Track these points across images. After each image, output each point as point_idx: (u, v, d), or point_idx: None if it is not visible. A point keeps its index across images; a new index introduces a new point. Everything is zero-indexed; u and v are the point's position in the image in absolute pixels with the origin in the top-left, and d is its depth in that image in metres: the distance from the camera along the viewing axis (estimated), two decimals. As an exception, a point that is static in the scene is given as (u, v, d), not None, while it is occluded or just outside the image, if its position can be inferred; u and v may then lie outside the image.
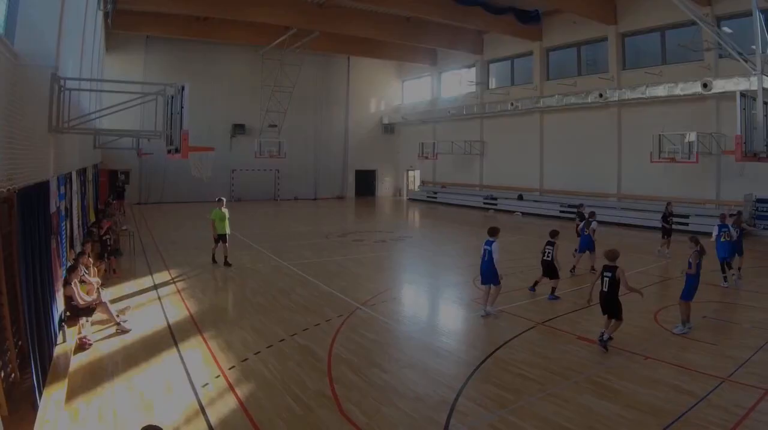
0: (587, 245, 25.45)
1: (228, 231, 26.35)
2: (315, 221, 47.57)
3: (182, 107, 18.25)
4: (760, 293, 21.32)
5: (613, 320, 14.61)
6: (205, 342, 15.24)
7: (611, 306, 14.56)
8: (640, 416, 10.80)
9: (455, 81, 67.34)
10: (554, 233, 21.02)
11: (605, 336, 14.53)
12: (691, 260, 16.05)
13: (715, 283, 22.85)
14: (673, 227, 30.36)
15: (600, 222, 28.30)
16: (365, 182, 75.06)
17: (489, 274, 18.31)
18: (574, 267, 25.22)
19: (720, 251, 23.28)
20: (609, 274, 14.54)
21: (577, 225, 27.45)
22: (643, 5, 43.72)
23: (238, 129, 63.18)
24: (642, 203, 43.94)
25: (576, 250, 25.97)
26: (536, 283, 21.41)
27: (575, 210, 31.16)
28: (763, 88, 23.78)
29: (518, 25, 50.57)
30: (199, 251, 29.69)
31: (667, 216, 30.50)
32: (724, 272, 23.21)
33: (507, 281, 21.95)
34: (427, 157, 65.94)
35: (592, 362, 13.79)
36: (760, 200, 37.23)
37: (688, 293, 16.11)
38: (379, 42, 59.88)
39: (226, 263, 25.99)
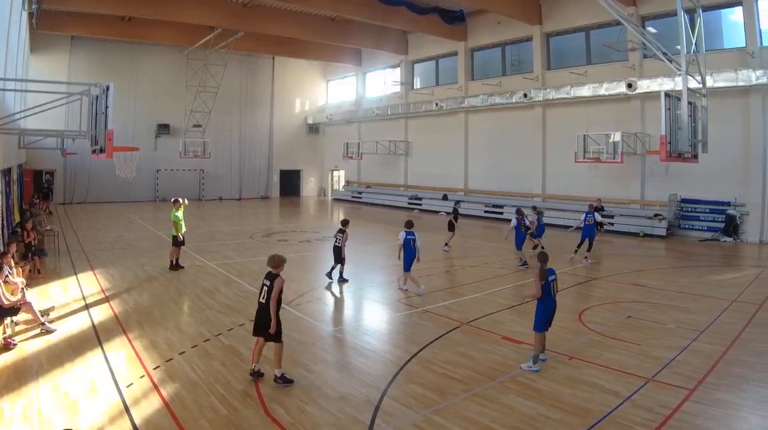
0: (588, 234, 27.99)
1: (175, 233, 25.79)
2: (240, 221, 47.28)
3: (107, 107, 18.20)
4: (684, 294, 21.49)
5: (273, 344, 12.63)
6: (130, 342, 15.09)
7: (269, 323, 12.48)
8: (565, 416, 10.89)
9: (380, 81, 67.46)
10: (345, 223, 22.68)
11: (277, 373, 12.45)
12: (536, 282, 14.64)
13: (640, 283, 23.28)
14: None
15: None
16: (290, 182, 74.90)
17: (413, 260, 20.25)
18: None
19: (585, 232, 27.67)
20: (269, 282, 12.66)
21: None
22: (567, 5, 44.25)
23: (163, 129, 62.74)
24: (567, 203, 44.34)
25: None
26: (332, 268, 22.87)
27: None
28: (688, 89, 24.24)
29: (443, 25, 50.74)
30: (124, 251, 29.70)
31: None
32: (580, 246, 27.75)
33: (432, 280, 22.51)
34: (351, 158, 66.00)
35: (516, 362, 13.79)
36: (684, 200, 37.86)
37: (539, 322, 14.01)
38: (303, 42, 59.82)
39: (179, 266, 25.56)
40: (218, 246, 31.94)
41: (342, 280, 22.64)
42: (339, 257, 22.49)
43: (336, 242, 22.46)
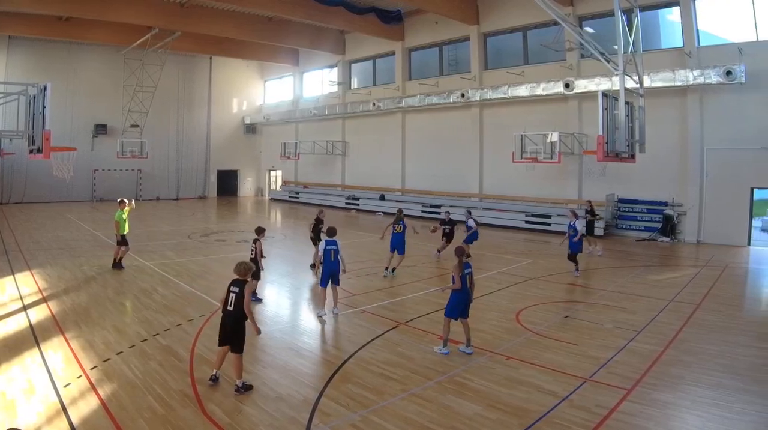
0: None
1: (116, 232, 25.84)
2: (177, 221, 47.14)
3: (44, 107, 18.11)
4: (622, 294, 21.64)
5: (232, 355, 12.25)
6: (67, 342, 14.94)
7: (236, 331, 12.26)
8: (503, 416, 10.92)
9: (318, 81, 67.61)
10: (259, 230, 20.70)
11: (239, 383, 12.10)
12: (454, 275, 14.89)
13: (578, 283, 23.64)
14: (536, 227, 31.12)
15: (461, 222, 28.94)
16: (227, 182, 74.98)
17: (337, 274, 18.35)
18: None
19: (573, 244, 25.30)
20: (237, 289, 12.29)
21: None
22: (504, 5, 44.51)
23: (100, 129, 62.24)
24: (504, 203, 44.78)
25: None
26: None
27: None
28: (625, 89, 24.45)
29: (380, 25, 50.96)
30: (61, 251, 29.42)
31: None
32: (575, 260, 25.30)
33: (370, 280, 22.63)
34: (289, 158, 65.83)
35: (454, 363, 13.86)
36: (622, 200, 38.20)
37: (450, 310, 14.68)
38: (241, 42, 60.00)
39: (120, 266, 25.40)
40: (156, 246, 31.66)
41: (256, 299, 20.21)
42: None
43: (251, 253, 20.34)
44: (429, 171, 52.07)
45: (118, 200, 26.45)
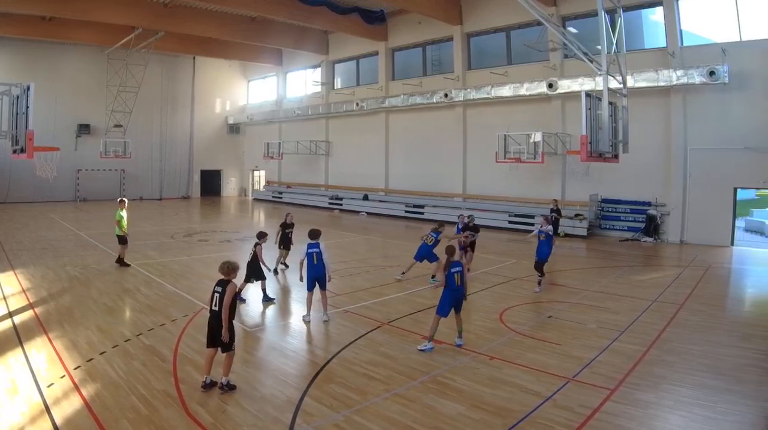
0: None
1: (118, 232, 25.88)
2: (160, 221, 46.98)
3: (27, 107, 18.00)
4: (605, 294, 21.65)
5: (222, 354, 12.10)
6: (51, 342, 14.87)
7: (221, 332, 11.97)
8: (486, 416, 10.91)
9: (301, 81, 67.60)
10: (261, 235, 20.67)
11: (223, 381, 12.00)
12: (437, 273, 14.72)
13: (561, 283, 23.57)
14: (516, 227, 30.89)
15: (446, 222, 28.78)
16: (211, 182, 74.92)
17: (323, 278, 17.80)
18: None
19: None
20: (220, 289, 12.23)
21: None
22: (488, 5, 44.50)
23: (84, 129, 62.13)
24: (487, 203, 44.71)
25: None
26: (263, 292, 20.64)
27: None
28: (609, 89, 24.44)
29: (364, 26, 51.01)
30: (45, 251, 29.33)
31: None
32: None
33: (353, 280, 22.66)
34: (272, 158, 65.86)
35: (437, 362, 13.84)
36: (605, 200, 38.22)
37: (440, 307, 14.90)
38: (224, 42, 59.86)
39: (124, 264, 25.66)
40: (139, 246, 31.30)
41: (267, 299, 20.48)
42: (254, 273, 20.22)
43: (250, 257, 20.43)
44: (412, 171, 52.02)
45: (118, 200, 26.75)
